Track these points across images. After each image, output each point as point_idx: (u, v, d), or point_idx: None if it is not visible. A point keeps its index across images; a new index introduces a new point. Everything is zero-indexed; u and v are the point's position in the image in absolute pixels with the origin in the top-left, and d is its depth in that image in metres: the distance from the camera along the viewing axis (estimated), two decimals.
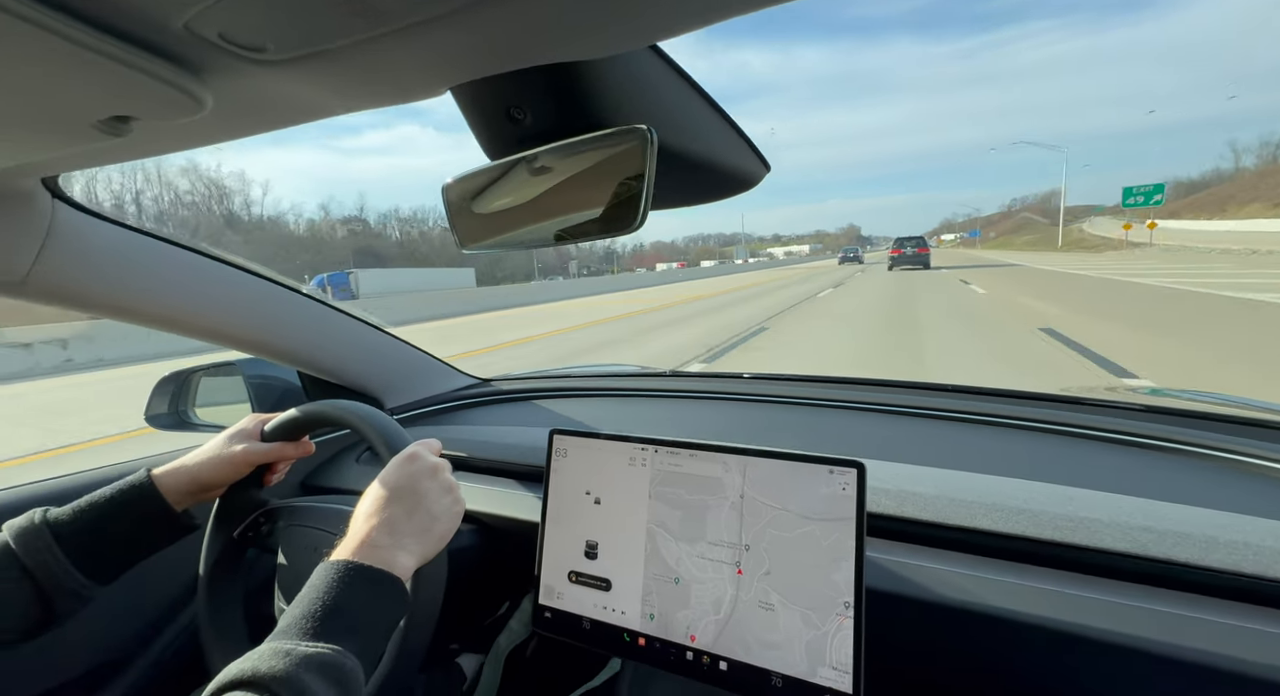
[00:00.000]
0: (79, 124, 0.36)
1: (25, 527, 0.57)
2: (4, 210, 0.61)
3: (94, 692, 0.78)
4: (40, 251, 0.64)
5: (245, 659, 0.41)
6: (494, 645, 1.10)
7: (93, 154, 0.48)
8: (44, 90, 0.33)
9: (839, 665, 0.53)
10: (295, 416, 0.72)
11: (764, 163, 0.50)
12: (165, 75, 0.32)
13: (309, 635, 0.43)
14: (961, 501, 0.63)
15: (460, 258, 76.40)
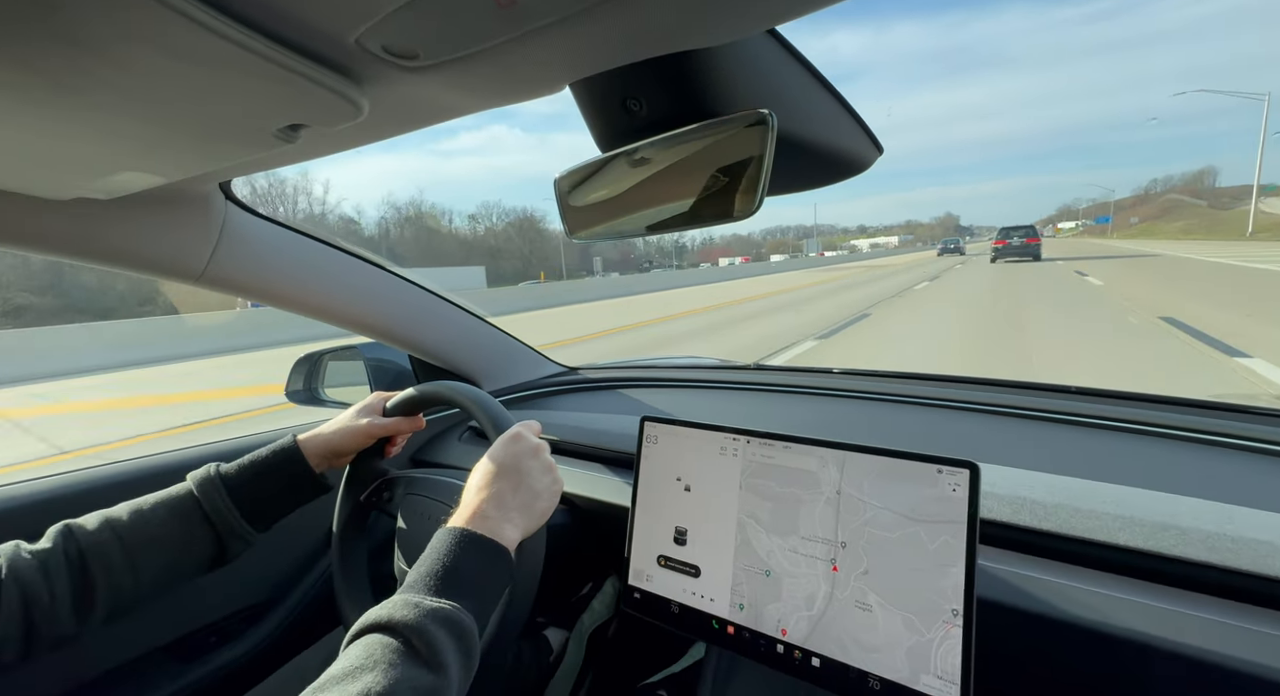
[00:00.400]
0: (261, 132, 0.42)
1: (204, 479, 0.68)
2: (189, 212, 0.73)
3: (252, 624, 0.91)
4: (215, 247, 0.76)
5: (381, 607, 0.46)
6: (578, 622, 1.14)
7: (262, 160, 0.55)
8: (235, 101, 0.38)
9: (944, 674, 0.50)
10: (413, 395, 0.80)
11: (877, 145, 0.48)
12: (334, 85, 0.36)
13: (432, 591, 0.48)
14: (1090, 512, 0.57)
15: (470, 256, 77.20)
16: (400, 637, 0.43)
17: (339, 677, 0.40)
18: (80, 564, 0.59)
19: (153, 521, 0.63)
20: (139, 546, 0.62)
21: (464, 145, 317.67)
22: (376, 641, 0.43)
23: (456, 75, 0.38)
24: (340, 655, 0.43)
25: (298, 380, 1.25)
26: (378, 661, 0.41)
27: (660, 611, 0.70)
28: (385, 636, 0.43)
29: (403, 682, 0.40)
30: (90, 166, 0.49)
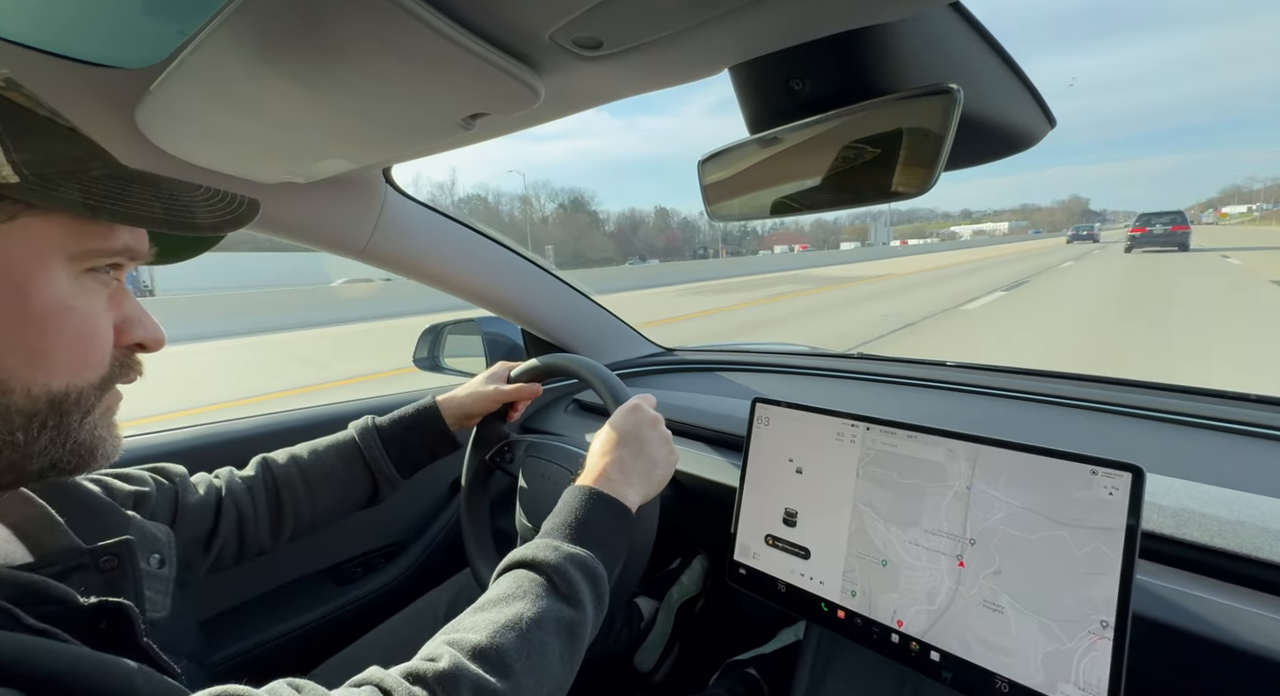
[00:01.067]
0: (449, 121, 0.47)
1: (364, 429, 0.78)
2: (356, 194, 0.82)
3: (390, 560, 1.04)
4: (375, 226, 0.85)
5: (526, 547, 0.51)
6: (667, 595, 1.18)
7: (434, 146, 0.62)
8: (429, 92, 0.43)
9: (1087, 686, 0.48)
10: (536, 365, 0.86)
11: (1049, 118, 0.45)
12: (520, 75, 0.40)
13: (569, 539, 0.53)
14: (1277, 532, 0.51)
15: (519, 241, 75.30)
16: (544, 574, 0.48)
17: (494, 602, 0.46)
18: (274, 491, 0.70)
19: (325, 460, 0.74)
20: (316, 480, 0.73)
21: (553, 129, 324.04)
22: (524, 575, 0.48)
23: (629, 61, 0.41)
24: (492, 585, 0.49)
25: (423, 348, 1.38)
26: (526, 591, 0.46)
27: (765, 589, 0.71)
28: (531, 572, 0.49)
29: (548, 612, 0.45)
30: (304, 155, 0.57)
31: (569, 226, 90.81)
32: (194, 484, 0.65)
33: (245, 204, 0.38)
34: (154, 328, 0.40)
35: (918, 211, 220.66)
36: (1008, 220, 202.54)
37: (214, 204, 0.37)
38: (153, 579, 0.43)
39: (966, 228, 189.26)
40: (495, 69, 0.39)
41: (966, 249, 53.01)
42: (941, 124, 0.34)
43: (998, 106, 0.40)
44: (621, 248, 76.01)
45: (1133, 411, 0.80)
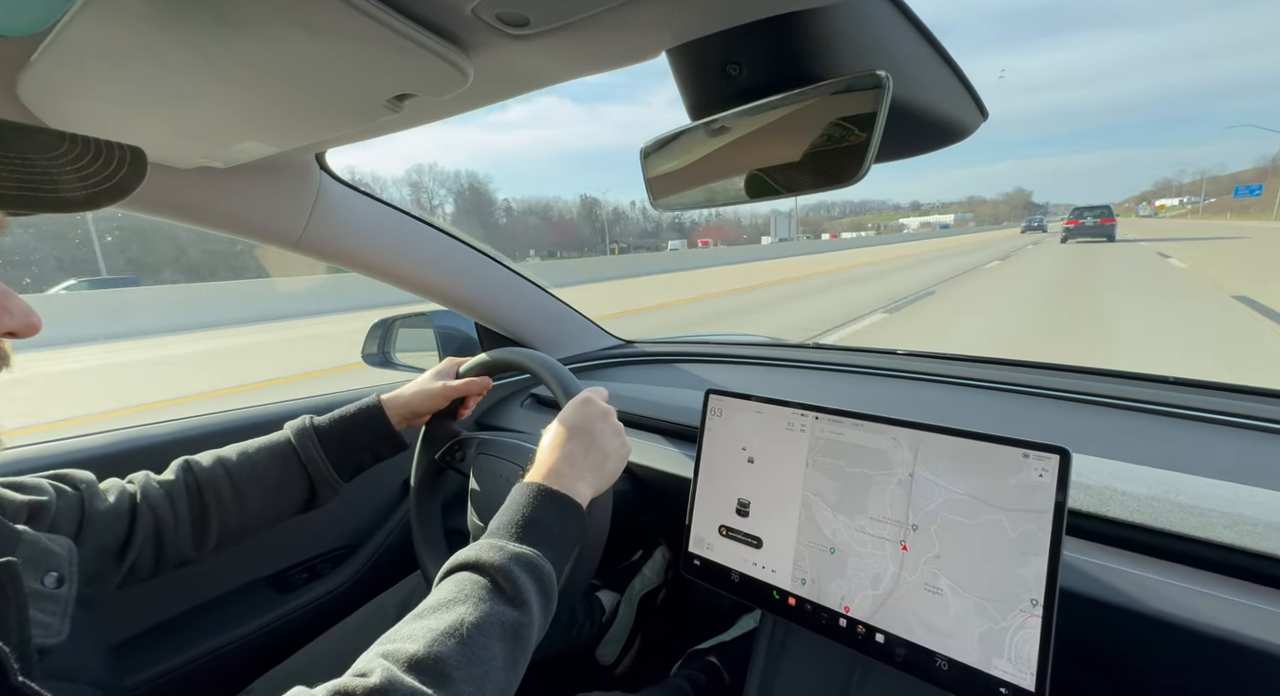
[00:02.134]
0: (372, 103, 0.44)
1: (301, 429, 0.74)
2: (289, 181, 0.77)
3: (337, 565, 1.00)
4: (310, 215, 0.81)
5: (469, 549, 0.49)
6: (629, 587, 1.18)
7: (365, 130, 0.58)
8: (354, 71, 0.40)
9: (1018, 660, 0.50)
10: (486, 360, 0.83)
11: (982, 110, 0.45)
12: (446, 54, 0.38)
13: (515, 538, 0.51)
14: (1189, 507, 0.54)
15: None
16: (488, 576, 0.46)
17: (435, 607, 0.44)
18: (198, 495, 0.66)
19: (256, 463, 0.70)
20: (245, 484, 0.68)
21: (515, 118, 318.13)
22: (467, 578, 0.46)
23: (560, 42, 0.39)
24: (434, 589, 0.47)
25: (372, 344, 1.33)
26: (469, 595, 0.44)
27: (720, 579, 0.71)
28: (474, 574, 0.47)
29: (491, 616, 0.43)
30: (219, 137, 0.53)
31: (457, 218, 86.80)
32: (103, 491, 0.60)
33: (127, 162, 0.32)
34: (23, 312, 0.36)
35: (869, 202, 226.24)
36: (954, 212, 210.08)
37: (83, 167, 0.30)
38: (46, 600, 0.40)
39: (914, 219, 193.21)
40: (416, 47, 0.37)
41: (906, 242, 51.30)
42: (872, 112, 0.34)
43: (931, 97, 0.40)
44: (511, 241, 73.11)
45: (1064, 395, 0.84)
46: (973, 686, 0.52)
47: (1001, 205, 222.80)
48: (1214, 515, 0.53)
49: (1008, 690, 0.50)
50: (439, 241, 0.97)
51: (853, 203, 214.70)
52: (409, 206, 0.92)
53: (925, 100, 0.40)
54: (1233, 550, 0.50)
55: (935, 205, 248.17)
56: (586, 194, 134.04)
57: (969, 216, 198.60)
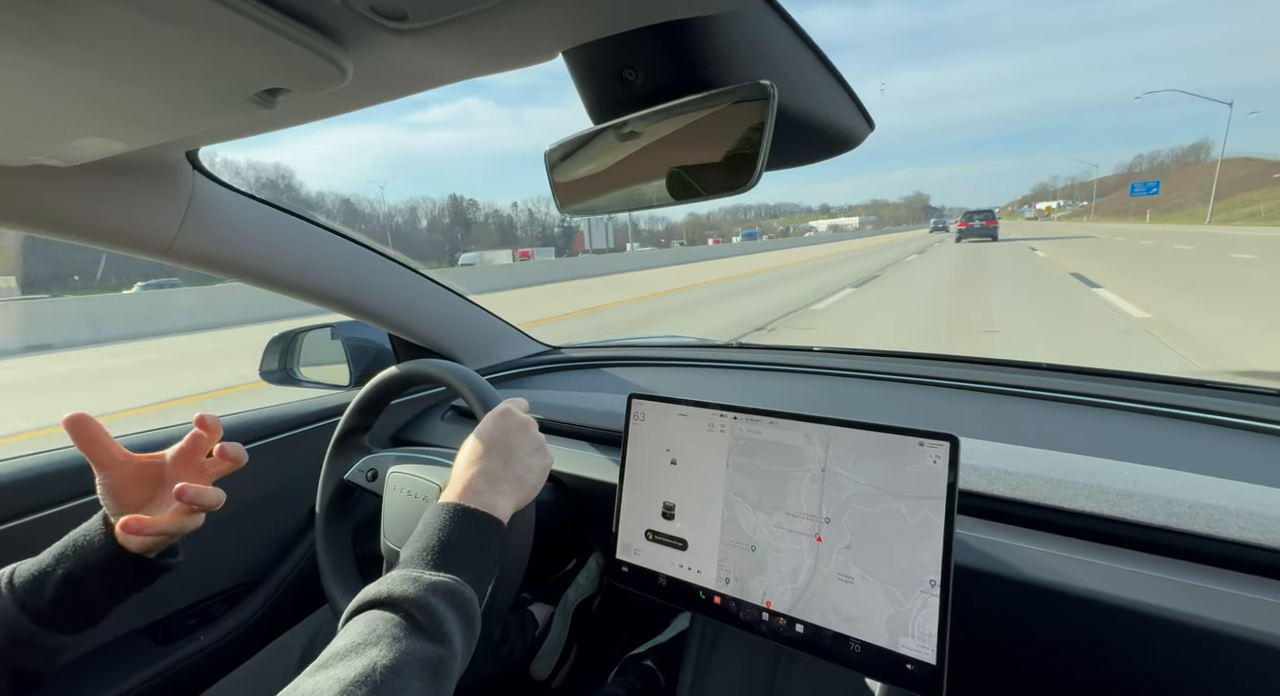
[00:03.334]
0: (237, 97, 0.40)
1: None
2: (154, 182, 0.69)
3: (234, 605, 0.90)
4: (183, 220, 0.72)
5: (379, 583, 0.46)
6: (562, 598, 1.16)
7: (236, 127, 0.52)
8: (212, 62, 0.36)
9: (921, 636, 0.53)
10: (396, 373, 0.78)
11: (869, 121, 0.48)
12: (318, 47, 0.35)
13: (430, 566, 0.48)
14: (1059, 481, 0.60)
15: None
16: (402, 612, 0.43)
17: (342, 654, 0.40)
18: None
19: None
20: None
21: (435, 118, 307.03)
22: (378, 617, 0.43)
23: (446, 39, 0.37)
24: (340, 632, 0.43)
25: (272, 359, 1.22)
26: (381, 636, 0.41)
27: (648, 584, 0.71)
28: (386, 611, 0.43)
29: (409, 655, 0.40)
30: (50, 130, 0.45)
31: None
32: None
33: None
34: None
35: (784, 205, 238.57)
36: (859, 215, 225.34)
37: None
38: None
39: (823, 222, 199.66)
40: (281, 38, 0.33)
41: (811, 246, 46.06)
42: (760, 121, 0.35)
43: (820, 107, 0.42)
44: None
45: (957, 384, 0.91)
46: (883, 665, 0.54)
47: (902, 207, 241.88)
48: (1078, 487, 0.59)
49: (913, 665, 0.53)
50: (339, 247, 0.90)
51: (768, 206, 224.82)
52: (304, 210, 0.85)
53: (814, 111, 0.41)
54: (1093, 517, 0.56)
55: (843, 208, 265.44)
56: (458, 194, 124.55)
57: (872, 218, 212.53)
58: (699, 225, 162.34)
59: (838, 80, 0.42)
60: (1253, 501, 0.53)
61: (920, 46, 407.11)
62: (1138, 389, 0.81)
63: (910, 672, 0.53)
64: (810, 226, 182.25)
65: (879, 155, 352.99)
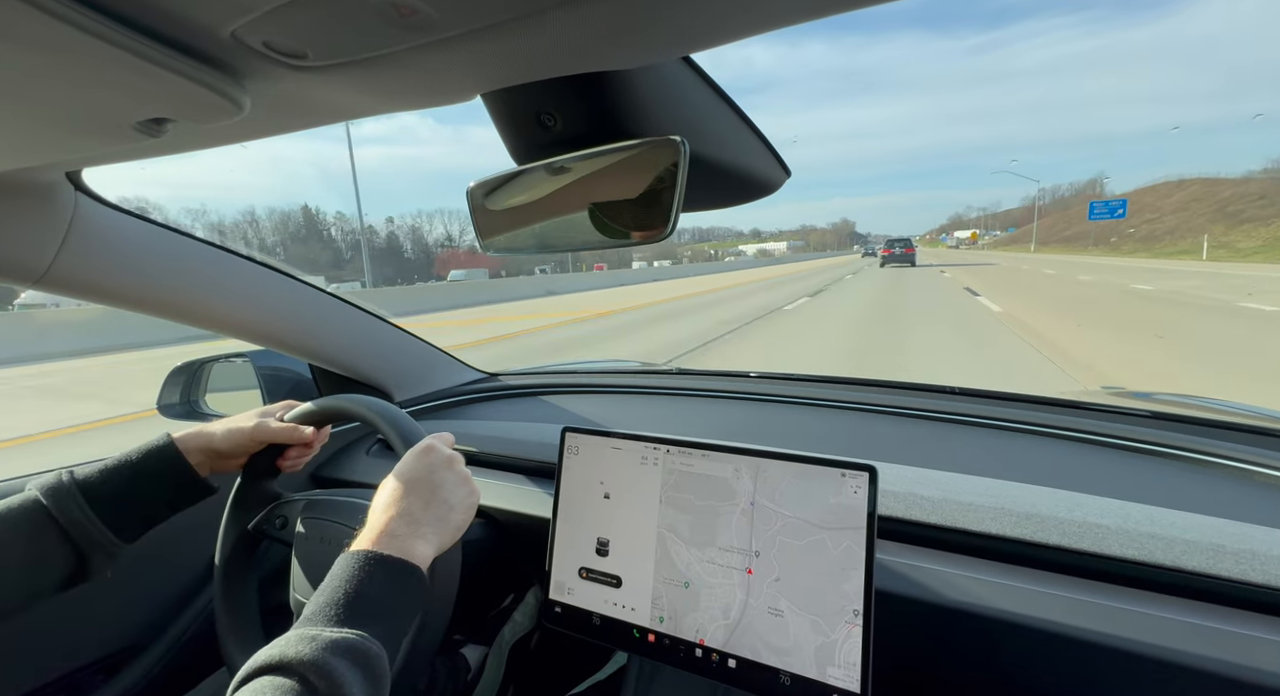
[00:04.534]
0: (119, 125, 0.36)
1: (55, 485, 0.58)
2: (29, 204, 0.62)
3: (113, 675, 0.79)
4: (62, 244, 0.65)
5: (273, 645, 0.42)
6: (498, 637, 1.11)
7: (122, 152, 0.48)
8: (87, 92, 0.33)
9: (846, 665, 0.54)
10: (310, 410, 0.73)
11: (785, 169, 0.50)
12: (207, 80, 0.32)
13: (333, 621, 0.44)
14: (968, 505, 0.64)
15: None
16: (295, 676, 0.39)
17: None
18: None
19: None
20: None
21: (370, 133, 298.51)
22: (268, 684, 0.39)
23: (352, 78, 0.35)
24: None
25: (173, 392, 1.11)
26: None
27: (581, 624, 0.69)
28: (279, 677, 0.39)
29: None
30: None
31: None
32: None
33: None
34: None
35: (716, 229, 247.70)
36: (788, 240, 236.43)
37: None
38: None
39: (752, 246, 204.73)
40: (163, 70, 0.31)
41: (731, 271, 43.50)
42: (673, 172, 0.35)
43: (735, 157, 0.44)
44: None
45: (881, 410, 0.95)
46: (812, 695, 0.55)
47: (829, 233, 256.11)
48: (984, 510, 0.62)
49: (839, 695, 0.54)
50: (247, 271, 0.84)
51: (701, 229, 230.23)
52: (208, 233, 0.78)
53: (730, 159, 0.43)
54: (998, 538, 0.60)
55: (774, 233, 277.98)
56: (312, 206, 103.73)
57: (800, 244, 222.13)
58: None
59: (753, 131, 0.44)
60: (1130, 519, 0.58)
61: (841, 86, 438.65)
62: (1036, 412, 0.88)
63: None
64: (740, 250, 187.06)
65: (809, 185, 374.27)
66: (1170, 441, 0.76)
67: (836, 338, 7.87)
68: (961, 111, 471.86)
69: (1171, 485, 0.70)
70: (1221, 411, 0.90)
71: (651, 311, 12.90)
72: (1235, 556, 0.52)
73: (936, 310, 10.64)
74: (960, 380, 1.11)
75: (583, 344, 8.55)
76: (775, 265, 50.30)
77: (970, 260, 42.23)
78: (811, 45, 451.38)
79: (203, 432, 0.68)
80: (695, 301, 14.99)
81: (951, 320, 9.05)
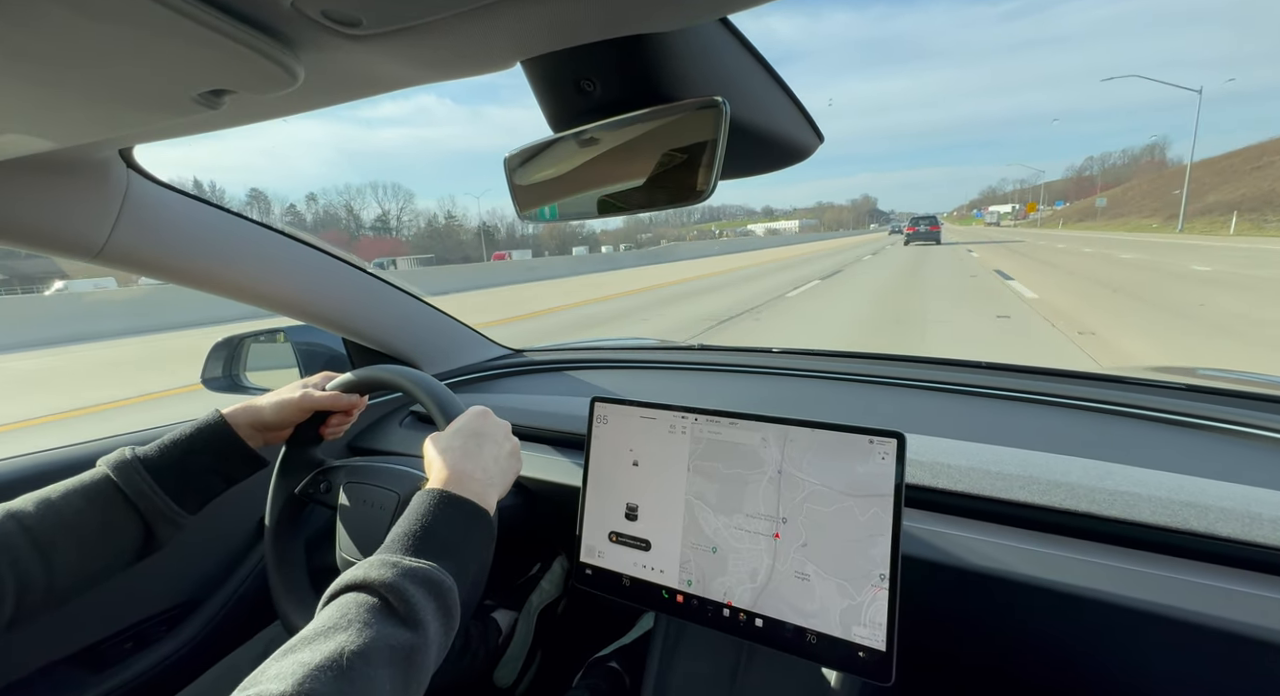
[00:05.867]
0: (179, 98, 0.38)
1: (121, 462, 0.62)
2: (84, 181, 0.64)
3: (176, 626, 0.85)
4: (117, 221, 0.68)
5: (357, 567, 0.45)
6: (526, 603, 1.15)
7: (175, 126, 0.50)
8: (151, 63, 0.34)
9: (872, 624, 0.55)
10: (351, 380, 0.76)
11: (818, 134, 0.50)
12: (266, 50, 0.33)
13: (410, 551, 0.47)
14: (997, 473, 0.64)
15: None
16: (377, 595, 0.42)
17: (311, 637, 0.39)
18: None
19: (65, 510, 0.57)
20: (51, 538, 0.56)
21: (389, 114, 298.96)
22: (352, 600, 0.42)
23: (401, 46, 0.36)
24: (316, 616, 0.42)
25: (215, 366, 1.16)
26: (352, 620, 0.40)
27: (611, 585, 0.72)
28: (362, 594, 0.42)
29: (379, 640, 0.39)
30: None
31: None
32: None
33: None
34: None
35: (727, 208, 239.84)
36: (800, 218, 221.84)
37: None
38: None
39: (761, 225, 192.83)
40: (227, 40, 0.32)
41: (723, 255, 35.92)
42: (713, 133, 0.36)
43: (771, 121, 0.44)
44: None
45: (906, 383, 0.95)
46: (837, 653, 0.57)
47: (847, 211, 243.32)
48: (1013, 478, 0.63)
49: (865, 653, 0.56)
50: (287, 249, 0.87)
51: (712, 207, 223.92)
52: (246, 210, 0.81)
53: (766, 124, 0.43)
54: (1025, 506, 0.60)
55: (786, 211, 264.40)
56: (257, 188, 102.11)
57: (814, 222, 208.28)
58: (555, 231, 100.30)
59: (789, 95, 0.44)
60: (1162, 487, 0.58)
61: (866, 57, 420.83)
62: (1068, 385, 0.87)
63: (862, 660, 0.55)
64: (749, 230, 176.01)
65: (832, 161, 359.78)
66: (1207, 413, 0.75)
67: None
68: (995, 82, 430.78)
69: (1207, 456, 0.69)
70: (1260, 384, 0.88)
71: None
72: (1273, 523, 0.51)
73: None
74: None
75: None
76: (776, 247, 45.98)
77: (993, 238, 35.93)
78: (836, 15, 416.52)
79: (250, 407, 0.72)
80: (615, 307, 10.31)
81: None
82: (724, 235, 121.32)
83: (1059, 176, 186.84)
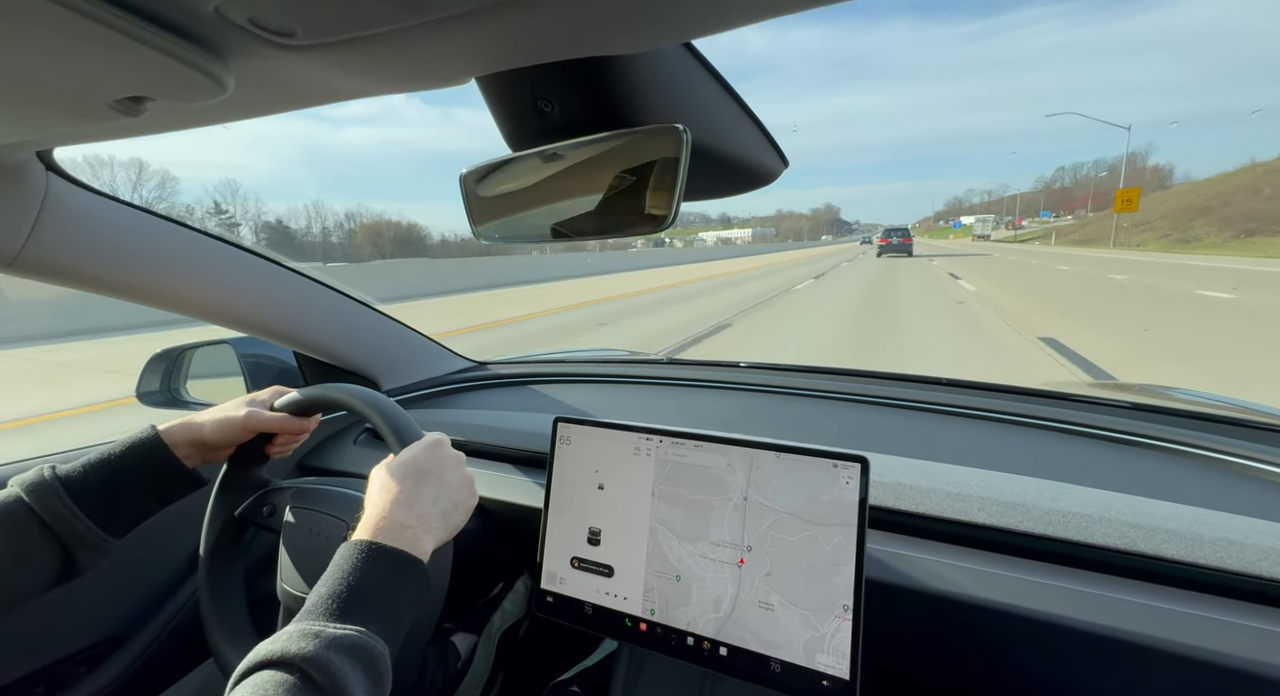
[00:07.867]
0: (95, 103, 0.35)
1: (37, 482, 0.57)
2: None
3: (97, 666, 0.78)
4: (34, 227, 0.62)
5: (274, 639, 0.41)
6: (488, 625, 1.11)
7: (98, 131, 0.46)
8: (64, 68, 0.31)
9: (836, 653, 0.55)
10: (300, 399, 0.72)
11: (783, 159, 0.49)
12: (190, 58, 0.31)
13: (336, 616, 0.44)
14: (956, 495, 0.65)
15: None
16: (298, 672, 0.39)
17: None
18: None
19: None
20: None
21: (355, 113, 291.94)
22: (269, 679, 0.38)
23: (343, 59, 0.34)
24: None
25: (152, 380, 1.08)
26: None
27: (574, 614, 0.69)
28: (280, 672, 0.39)
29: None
30: None
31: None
32: None
33: None
34: None
35: (685, 215, 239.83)
36: (754, 226, 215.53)
37: None
38: None
39: (711, 234, 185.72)
40: (141, 45, 0.29)
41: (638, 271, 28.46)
42: (672, 159, 0.35)
43: (734, 146, 0.43)
44: None
45: (871, 400, 0.96)
46: (802, 682, 0.56)
47: (806, 220, 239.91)
48: (972, 500, 0.64)
49: (829, 681, 0.55)
50: (227, 256, 0.81)
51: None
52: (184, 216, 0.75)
53: (730, 149, 0.42)
54: (983, 527, 0.61)
55: (744, 219, 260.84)
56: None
57: (771, 231, 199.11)
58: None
59: (753, 120, 0.43)
60: (1111, 508, 0.59)
61: (834, 73, 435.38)
62: (1023, 403, 0.90)
63: (826, 688, 0.55)
64: (700, 238, 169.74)
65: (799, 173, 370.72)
66: (1150, 432, 0.77)
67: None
68: (956, 100, 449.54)
69: (1154, 476, 0.72)
70: (1198, 403, 0.92)
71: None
72: (1213, 545, 0.53)
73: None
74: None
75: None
76: (717, 261, 37.09)
77: (956, 251, 34.05)
78: (804, 31, 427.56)
79: (190, 424, 0.67)
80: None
81: None
82: (671, 243, 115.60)
83: (1028, 188, 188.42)
